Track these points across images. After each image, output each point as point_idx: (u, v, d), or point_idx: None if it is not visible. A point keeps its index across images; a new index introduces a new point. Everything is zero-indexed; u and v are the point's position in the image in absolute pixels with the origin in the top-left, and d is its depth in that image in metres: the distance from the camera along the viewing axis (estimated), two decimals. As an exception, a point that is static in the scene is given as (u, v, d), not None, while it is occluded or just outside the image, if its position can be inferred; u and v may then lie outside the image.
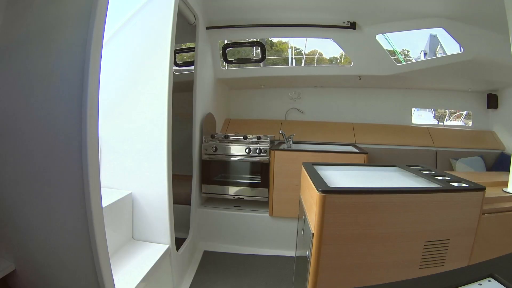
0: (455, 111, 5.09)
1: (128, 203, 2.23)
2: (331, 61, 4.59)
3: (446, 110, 5.13)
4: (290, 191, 3.04)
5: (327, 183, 1.62)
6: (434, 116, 5.15)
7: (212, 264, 3.01)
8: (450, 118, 5.21)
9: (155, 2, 2.34)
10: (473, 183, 1.80)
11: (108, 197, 2.05)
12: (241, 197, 3.42)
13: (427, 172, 2.08)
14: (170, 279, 2.32)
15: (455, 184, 1.78)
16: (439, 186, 1.74)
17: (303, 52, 4.69)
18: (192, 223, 3.08)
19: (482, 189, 1.72)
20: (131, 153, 2.30)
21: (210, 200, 3.57)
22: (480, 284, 0.75)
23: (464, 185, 1.77)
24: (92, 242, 1.27)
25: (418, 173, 2.05)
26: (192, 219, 3.10)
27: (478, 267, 0.83)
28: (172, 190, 2.34)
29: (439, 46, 4.27)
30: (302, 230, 1.93)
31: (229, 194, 3.44)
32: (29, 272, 1.27)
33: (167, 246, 2.23)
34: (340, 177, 1.94)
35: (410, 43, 4.43)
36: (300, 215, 2.05)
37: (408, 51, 4.46)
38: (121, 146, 2.30)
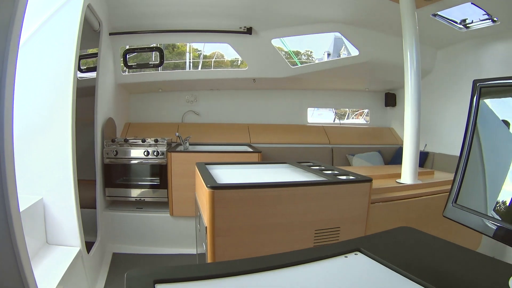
0: (356, 109, 5.45)
1: (40, 208, 2.24)
2: (232, 62, 4.74)
3: (347, 109, 5.46)
4: (188, 191, 2.98)
5: (217, 181, 1.70)
6: (335, 115, 5.38)
7: (121, 265, 3.08)
8: (351, 116, 5.58)
9: (63, 10, 2.38)
10: (360, 175, 1.92)
11: (20, 203, 2.04)
12: (142, 198, 3.52)
13: (316, 167, 2.21)
14: (84, 281, 2.40)
15: (343, 177, 1.90)
16: (325, 179, 1.86)
17: (203, 54, 4.73)
18: (99, 226, 3.13)
19: (369, 180, 1.85)
20: (39, 159, 2.30)
21: (115, 203, 3.61)
22: (346, 257, 0.83)
23: (351, 177, 1.89)
24: (15, 247, 1.35)
25: (307, 169, 2.16)
26: (98, 222, 3.14)
27: (348, 243, 0.91)
28: (78, 194, 2.41)
29: (343, 47, 4.51)
30: (199, 226, 2.00)
31: (132, 196, 3.51)
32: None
33: (78, 248, 2.33)
34: (232, 174, 2.02)
35: (316, 45, 4.69)
36: (196, 212, 2.12)
37: (311, 52, 4.71)
38: (28, 152, 2.28)
